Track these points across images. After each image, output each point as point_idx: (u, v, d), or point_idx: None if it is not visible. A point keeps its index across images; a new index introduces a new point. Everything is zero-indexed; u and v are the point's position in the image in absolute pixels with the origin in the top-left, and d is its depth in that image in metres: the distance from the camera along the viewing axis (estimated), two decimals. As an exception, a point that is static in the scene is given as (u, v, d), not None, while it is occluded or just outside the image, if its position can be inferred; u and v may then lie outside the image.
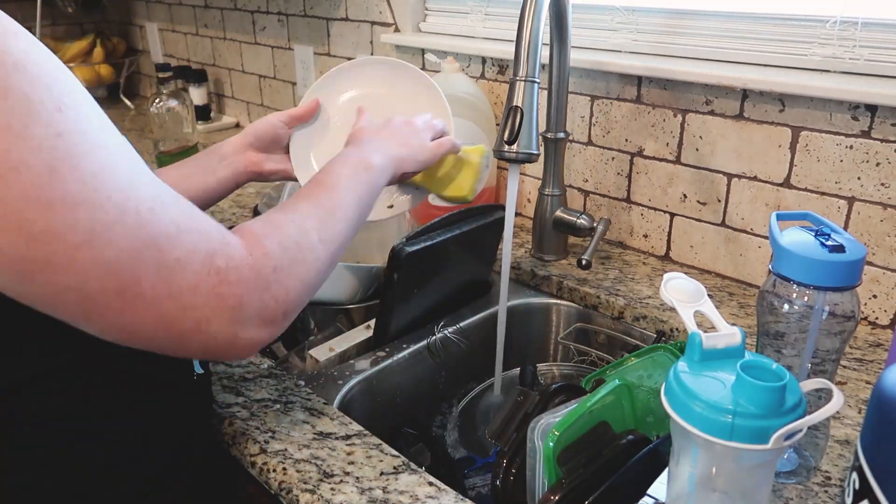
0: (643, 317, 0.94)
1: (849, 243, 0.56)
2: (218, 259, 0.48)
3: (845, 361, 0.82)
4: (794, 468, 0.63)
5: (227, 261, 0.49)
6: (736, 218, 1.00)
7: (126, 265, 0.44)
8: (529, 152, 0.81)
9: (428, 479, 0.63)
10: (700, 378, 0.50)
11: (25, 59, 0.42)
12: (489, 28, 1.29)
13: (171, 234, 0.46)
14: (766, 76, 0.91)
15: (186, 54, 2.07)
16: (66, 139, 0.42)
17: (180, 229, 0.47)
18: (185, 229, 0.47)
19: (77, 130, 0.43)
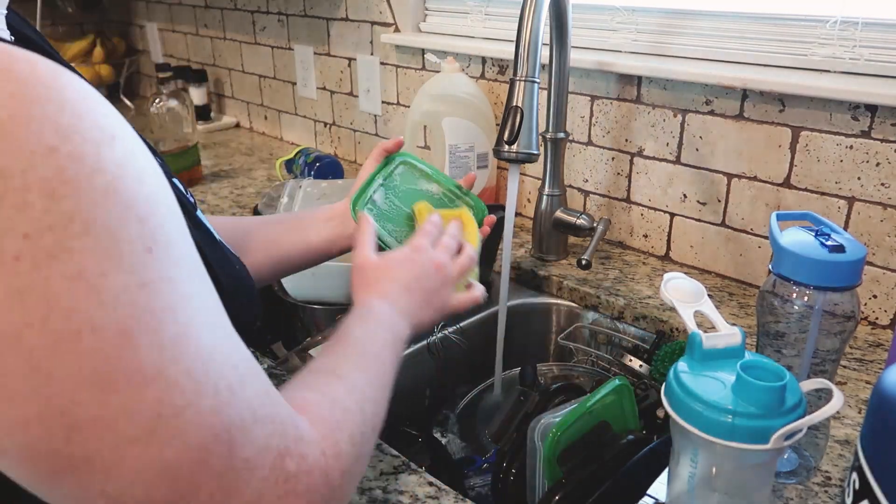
0: (643, 317, 0.94)
1: (849, 243, 0.56)
2: (290, 461, 0.38)
3: (845, 361, 0.82)
4: (794, 468, 0.63)
5: (298, 463, 0.38)
6: (736, 218, 1.00)
7: (186, 468, 0.33)
8: (529, 152, 0.81)
9: (428, 479, 0.63)
10: (700, 378, 0.50)
11: (119, 178, 0.32)
12: (489, 28, 1.29)
13: (247, 424, 0.35)
14: (766, 76, 0.91)
15: (186, 54, 2.07)
16: (151, 291, 0.32)
17: (256, 417, 0.36)
18: (261, 417, 0.36)
19: (165, 277, 0.33)
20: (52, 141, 0.30)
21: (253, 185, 1.49)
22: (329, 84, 1.62)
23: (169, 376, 0.32)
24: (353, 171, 1.59)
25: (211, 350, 0.34)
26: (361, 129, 1.59)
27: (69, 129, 0.30)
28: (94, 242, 0.30)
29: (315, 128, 1.72)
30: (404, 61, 1.42)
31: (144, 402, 0.31)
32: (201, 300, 0.35)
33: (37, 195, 0.29)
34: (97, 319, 0.30)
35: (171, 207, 0.35)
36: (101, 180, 0.31)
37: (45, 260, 0.29)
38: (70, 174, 0.30)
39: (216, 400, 0.34)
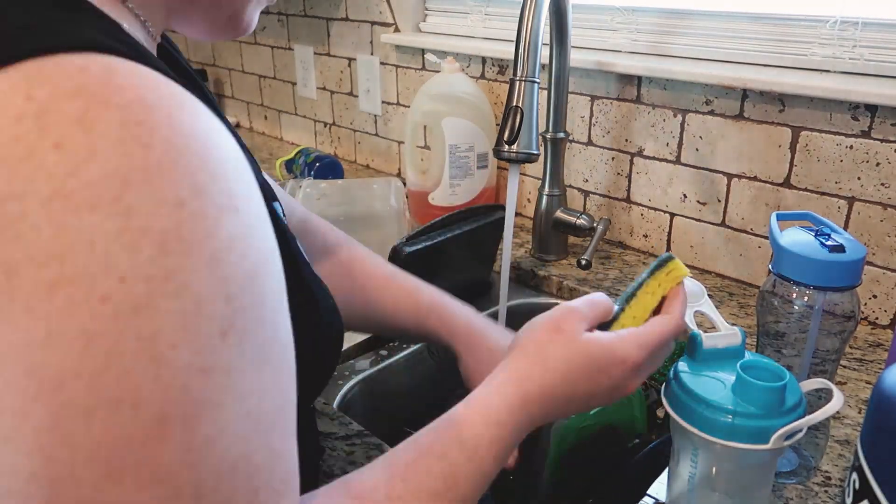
0: (643, 317, 0.94)
1: (849, 243, 0.56)
2: None
3: (845, 361, 0.82)
4: (794, 468, 0.63)
5: None
6: (736, 218, 1.00)
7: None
8: (529, 152, 0.80)
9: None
10: (700, 378, 0.50)
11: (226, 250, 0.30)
12: (489, 28, 1.29)
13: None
14: (766, 76, 0.91)
15: (186, 54, 2.07)
16: (208, 380, 0.29)
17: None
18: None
19: (227, 368, 0.30)
20: (183, 194, 0.29)
21: (253, 185, 1.49)
22: (329, 84, 1.62)
23: (177, 484, 0.28)
24: (353, 171, 1.59)
25: (236, 463, 0.30)
26: (361, 129, 1.59)
27: (202, 188, 0.30)
28: (179, 308, 0.28)
29: (315, 128, 1.72)
30: (404, 61, 1.42)
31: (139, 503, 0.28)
32: (257, 401, 0.31)
33: (150, 242, 0.28)
34: (144, 394, 0.27)
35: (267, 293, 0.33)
36: (210, 247, 0.29)
37: (128, 312, 0.27)
38: (186, 232, 0.29)
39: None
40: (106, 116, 0.28)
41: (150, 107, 0.29)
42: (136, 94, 0.29)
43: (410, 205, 1.24)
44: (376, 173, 1.57)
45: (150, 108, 0.29)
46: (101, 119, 0.28)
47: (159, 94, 0.30)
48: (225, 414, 0.30)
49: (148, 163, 0.28)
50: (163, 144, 0.29)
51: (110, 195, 0.27)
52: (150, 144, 0.29)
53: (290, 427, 0.34)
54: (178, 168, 0.29)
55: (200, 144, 0.31)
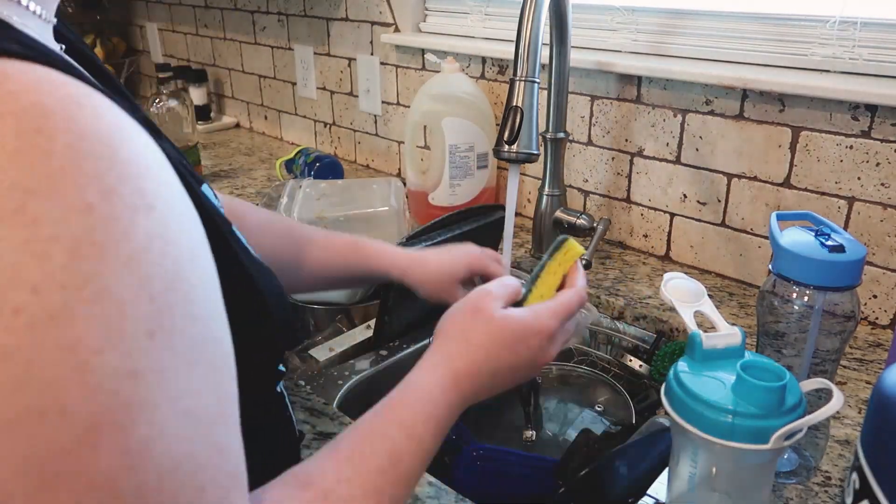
0: (643, 317, 0.94)
1: (849, 243, 0.56)
2: None
3: (845, 361, 0.82)
4: (794, 468, 0.63)
5: None
6: (736, 218, 1.00)
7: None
8: (529, 152, 0.80)
9: (428, 479, 0.63)
10: (700, 378, 0.50)
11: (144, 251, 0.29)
12: (489, 28, 1.29)
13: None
14: (766, 76, 0.91)
15: (186, 54, 2.07)
16: (139, 382, 0.28)
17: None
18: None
19: (157, 369, 0.29)
20: (92, 199, 0.28)
21: (253, 185, 1.49)
22: (329, 84, 1.62)
23: (116, 488, 0.28)
24: (353, 171, 1.59)
25: (179, 463, 0.30)
26: (361, 129, 1.59)
27: (111, 190, 0.29)
28: (100, 314, 0.28)
29: (315, 128, 1.72)
30: (404, 61, 1.42)
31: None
32: (194, 399, 0.31)
33: (61, 250, 0.27)
34: (72, 402, 0.27)
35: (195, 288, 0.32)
36: (126, 249, 0.29)
37: (44, 321, 0.26)
38: (98, 236, 0.28)
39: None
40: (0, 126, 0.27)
41: (47, 112, 0.28)
42: (30, 100, 0.28)
43: (410, 205, 1.24)
44: (376, 173, 1.58)
45: (47, 113, 0.28)
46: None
47: (56, 97, 0.29)
48: (161, 415, 0.29)
49: (51, 170, 0.27)
50: (64, 150, 0.28)
51: (12, 206, 0.26)
52: (51, 151, 0.28)
53: (232, 423, 0.34)
54: (82, 173, 0.28)
55: (105, 146, 0.29)
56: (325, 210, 1.04)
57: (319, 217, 1.03)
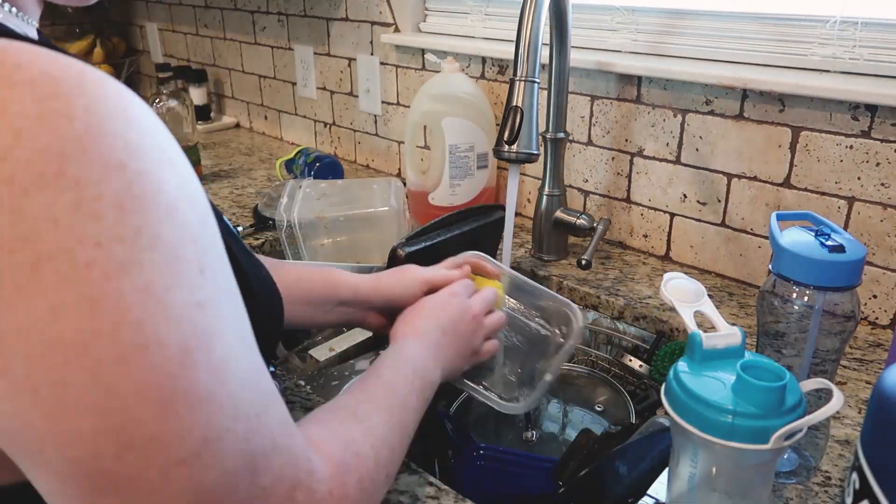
0: (643, 317, 0.94)
1: (849, 243, 0.56)
2: (300, 493, 0.38)
3: (845, 361, 0.82)
4: (794, 468, 0.63)
5: (307, 497, 0.38)
6: (736, 218, 1.00)
7: (220, 492, 0.32)
8: (529, 152, 0.81)
9: (428, 479, 0.63)
10: (700, 378, 0.50)
11: (178, 199, 0.32)
12: (489, 28, 1.29)
13: (268, 452, 0.35)
14: (766, 76, 0.91)
15: (186, 54, 2.07)
16: (206, 311, 0.32)
17: (275, 445, 0.36)
18: (280, 446, 0.37)
19: (214, 299, 0.33)
20: (122, 156, 0.30)
21: (253, 185, 1.49)
22: (329, 84, 1.62)
23: (217, 398, 0.32)
24: (352, 171, 1.59)
25: (248, 373, 0.35)
26: (361, 129, 1.59)
27: (136, 146, 0.31)
28: (160, 257, 0.30)
29: (315, 128, 1.72)
30: (404, 61, 1.42)
31: (196, 424, 0.31)
32: (239, 324, 0.36)
33: (109, 207, 0.29)
34: (163, 334, 0.30)
35: (215, 232, 0.36)
36: (164, 200, 0.31)
37: (117, 271, 0.29)
38: (138, 190, 0.30)
39: (248, 425, 0.34)
40: (16, 95, 0.28)
41: (57, 79, 0.30)
42: (39, 69, 0.29)
43: (410, 205, 1.24)
44: (376, 173, 1.58)
45: (57, 80, 0.30)
46: (11, 99, 0.28)
47: (60, 67, 0.30)
48: (226, 337, 0.33)
49: (77, 133, 0.29)
50: (84, 113, 0.29)
51: (52, 171, 0.28)
52: (72, 115, 0.29)
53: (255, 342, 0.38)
54: (107, 132, 0.30)
55: (117, 106, 0.31)
56: (325, 210, 1.04)
57: (319, 217, 1.03)
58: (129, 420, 0.29)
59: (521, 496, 0.72)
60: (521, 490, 0.71)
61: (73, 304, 0.28)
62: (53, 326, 0.28)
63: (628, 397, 0.87)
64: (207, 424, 0.31)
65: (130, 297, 0.29)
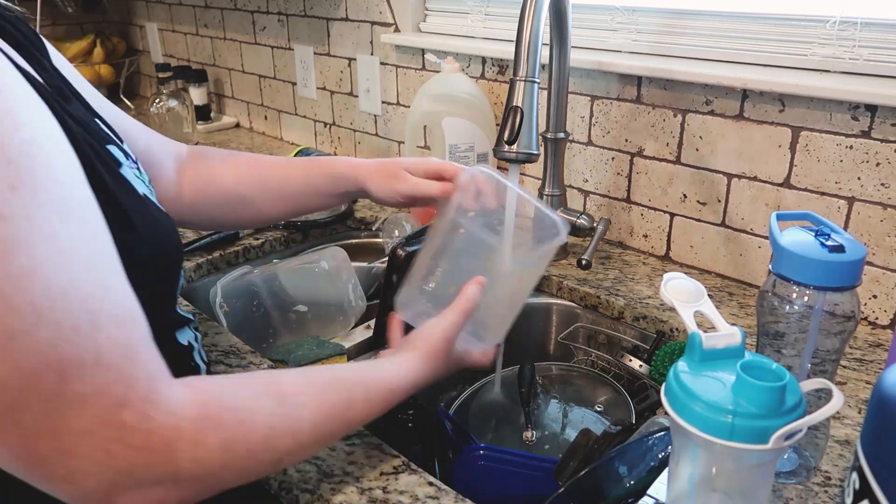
0: (643, 317, 0.94)
1: (849, 243, 0.56)
2: (128, 413, 0.39)
3: (845, 361, 0.82)
4: (794, 468, 0.63)
5: (138, 419, 0.39)
6: (736, 218, 1.00)
7: (15, 386, 0.36)
8: (529, 152, 0.80)
9: (428, 478, 0.63)
10: (700, 378, 0.50)
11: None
12: (489, 28, 1.29)
13: (86, 364, 0.38)
14: (766, 76, 0.91)
15: (186, 54, 2.07)
16: (9, 224, 0.36)
17: (100, 361, 0.38)
18: (105, 363, 0.39)
19: (25, 215, 0.36)
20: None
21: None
22: (329, 84, 1.63)
23: (11, 302, 0.35)
24: (353, 171, 1.58)
25: (65, 289, 0.37)
26: (361, 129, 1.59)
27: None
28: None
29: (315, 128, 1.72)
30: (404, 61, 1.42)
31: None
32: (69, 243, 0.38)
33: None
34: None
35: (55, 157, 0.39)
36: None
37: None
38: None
39: (55, 334, 0.37)
40: None
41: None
42: None
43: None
44: (376, 173, 1.57)
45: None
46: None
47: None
48: (38, 251, 0.37)
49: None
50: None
51: None
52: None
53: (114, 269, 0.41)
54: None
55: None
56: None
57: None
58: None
59: (521, 496, 0.72)
60: (521, 490, 0.71)
61: None
62: None
63: (628, 397, 0.87)
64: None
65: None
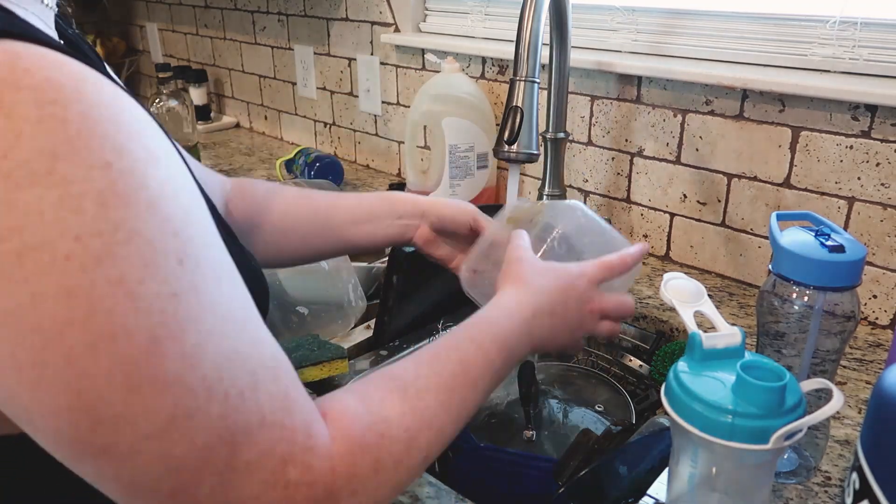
0: (643, 317, 0.94)
1: (849, 243, 0.56)
2: (292, 468, 0.38)
3: (845, 361, 0.82)
4: (794, 468, 0.63)
5: (302, 473, 0.39)
6: (736, 218, 1.00)
7: (191, 465, 0.35)
8: (529, 152, 0.81)
9: (428, 479, 0.63)
10: (700, 378, 0.50)
11: (160, 195, 0.35)
12: (489, 28, 1.29)
13: (252, 429, 0.37)
14: (766, 76, 0.91)
15: (186, 54, 2.07)
16: (179, 301, 0.34)
17: (264, 422, 0.38)
18: (269, 422, 0.38)
19: (192, 288, 0.35)
20: (109, 157, 0.33)
21: (253, 185, 1.49)
22: (329, 84, 1.63)
23: (186, 382, 0.34)
24: (353, 171, 1.59)
25: (229, 356, 0.37)
26: (361, 129, 1.59)
27: (123, 148, 0.34)
28: (136, 251, 0.33)
29: (315, 128, 1.72)
30: (404, 61, 1.42)
31: (162, 405, 0.34)
32: (226, 307, 0.37)
33: (91, 202, 0.32)
34: (132, 325, 0.33)
35: (203, 221, 0.38)
36: (145, 196, 0.34)
37: (93, 263, 0.32)
38: (120, 187, 0.33)
39: (224, 406, 0.36)
40: (20, 99, 0.31)
41: (58, 85, 0.33)
42: (43, 75, 0.32)
43: (410, 205, 1.24)
44: (376, 173, 1.58)
45: (59, 86, 0.33)
46: (16, 102, 0.31)
47: (64, 73, 0.33)
48: (204, 324, 0.35)
49: (69, 135, 0.32)
50: (78, 117, 0.32)
51: (43, 169, 0.31)
52: (67, 119, 0.32)
53: (258, 322, 0.41)
54: (96, 135, 0.33)
55: (110, 111, 0.34)
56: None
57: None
58: (99, 400, 0.32)
59: (521, 496, 0.72)
60: (521, 490, 0.71)
61: (52, 294, 0.31)
62: (34, 313, 0.31)
63: (628, 397, 0.87)
64: (175, 405, 0.34)
65: (103, 289, 0.32)
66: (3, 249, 0.31)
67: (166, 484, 0.35)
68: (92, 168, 0.32)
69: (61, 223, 0.31)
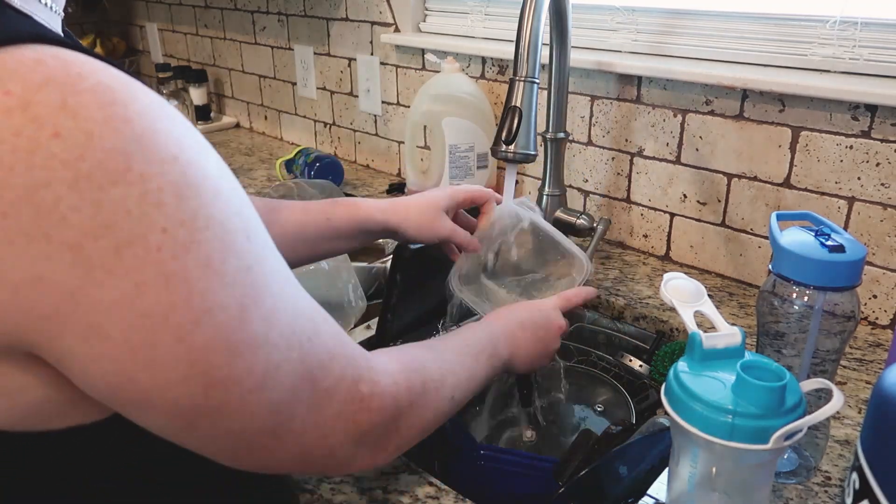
0: (643, 317, 0.94)
1: (849, 243, 0.56)
2: (363, 385, 0.47)
3: (845, 361, 0.82)
4: (794, 468, 0.63)
5: (371, 387, 0.47)
6: (736, 218, 1.00)
7: (286, 403, 0.42)
8: (526, 153, 0.81)
9: (428, 478, 0.63)
10: (700, 378, 0.50)
11: (220, 180, 0.38)
12: (489, 28, 1.29)
13: (325, 363, 0.44)
14: (766, 76, 0.91)
15: (186, 54, 2.07)
16: (255, 272, 0.39)
17: (332, 356, 0.45)
18: (336, 355, 0.45)
19: (259, 259, 0.40)
20: (174, 150, 0.35)
21: (253, 185, 1.49)
22: (329, 84, 1.63)
23: (270, 339, 0.40)
24: (353, 171, 1.59)
25: (293, 311, 0.42)
26: (361, 129, 1.59)
27: (182, 140, 0.36)
28: (214, 235, 0.36)
29: (315, 128, 1.72)
30: (404, 61, 1.42)
31: (258, 362, 0.39)
32: (280, 272, 0.42)
33: (169, 195, 0.35)
34: (223, 299, 0.37)
35: (245, 197, 0.42)
36: (210, 184, 0.37)
37: (182, 251, 0.35)
38: (190, 178, 0.36)
39: (301, 351, 0.42)
40: (83, 101, 0.33)
41: (112, 87, 0.34)
42: (96, 79, 0.34)
43: (410, 205, 1.24)
44: (376, 173, 1.58)
45: (112, 88, 0.34)
46: (80, 105, 0.33)
47: (111, 76, 0.35)
48: (273, 288, 0.40)
49: (136, 133, 0.34)
50: (137, 116, 0.34)
51: (120, 168, 0.33)
52: (129, 118, 0.34)
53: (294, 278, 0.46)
54: (159, 131, 0.35)
55: (161, 107, 0.37)
56: None
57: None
58: (209, 366, 0.37)
59: (521, 496, 0.72)
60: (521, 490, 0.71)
61: (152, 282, 0.34)
62: (140, 300, 0.34)
63: (628, 397, 0.87)
64: (267, 360, 0.39)
65: (195, 272, 0.35)
66: (101, 246, 0.33)
67: (269, 424, 0.41)
68: (163, 163, 0.35)
69: (147, 217, 0.34)
